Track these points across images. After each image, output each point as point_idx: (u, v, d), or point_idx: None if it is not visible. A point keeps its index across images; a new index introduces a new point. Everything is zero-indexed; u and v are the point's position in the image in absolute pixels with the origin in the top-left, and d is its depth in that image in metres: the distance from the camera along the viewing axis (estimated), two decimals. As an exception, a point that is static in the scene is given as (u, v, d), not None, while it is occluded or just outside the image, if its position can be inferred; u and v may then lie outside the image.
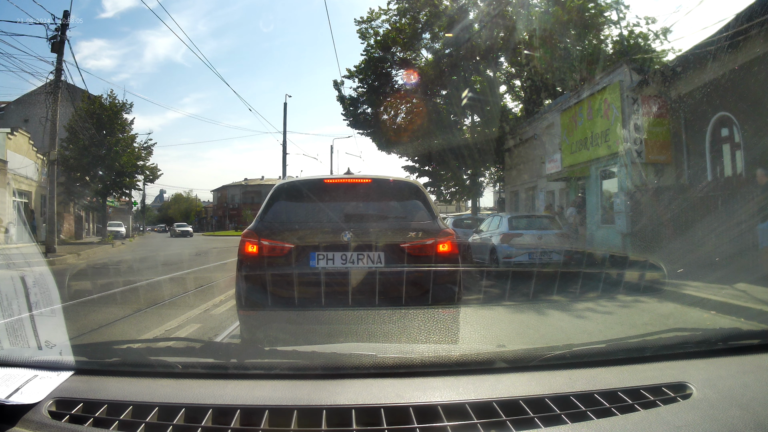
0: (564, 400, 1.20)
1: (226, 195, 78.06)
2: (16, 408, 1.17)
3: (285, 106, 31.16)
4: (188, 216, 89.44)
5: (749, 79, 9.84)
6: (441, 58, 21.92)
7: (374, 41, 23.18)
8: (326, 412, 1.15)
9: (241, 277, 3.76)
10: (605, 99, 14.68)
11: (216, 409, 1.17)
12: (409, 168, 26.33)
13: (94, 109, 29.55)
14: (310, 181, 4.34)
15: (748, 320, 5.67)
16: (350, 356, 1.46)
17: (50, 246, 16.65)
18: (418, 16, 22.27)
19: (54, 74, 17.50)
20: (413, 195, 4.20)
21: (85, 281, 10.12)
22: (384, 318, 3.27)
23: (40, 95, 20.34)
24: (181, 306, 6.77)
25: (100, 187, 31.20)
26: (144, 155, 32.96)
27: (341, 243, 3.67)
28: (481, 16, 21.50)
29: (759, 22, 9.08)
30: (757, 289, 6.93)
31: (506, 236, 11.08)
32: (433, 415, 1.15)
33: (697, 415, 1.13)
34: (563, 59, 18.72)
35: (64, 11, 17.39)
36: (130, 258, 18.42)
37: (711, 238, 9.42)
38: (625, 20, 20.36)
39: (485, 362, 1.43)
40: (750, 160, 9.94)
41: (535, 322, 5.89)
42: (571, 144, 17.11)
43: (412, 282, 3.60)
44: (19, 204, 24.25)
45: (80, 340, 3.49)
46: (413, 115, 22.94)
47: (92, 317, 5.91)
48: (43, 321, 1.95)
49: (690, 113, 12.18)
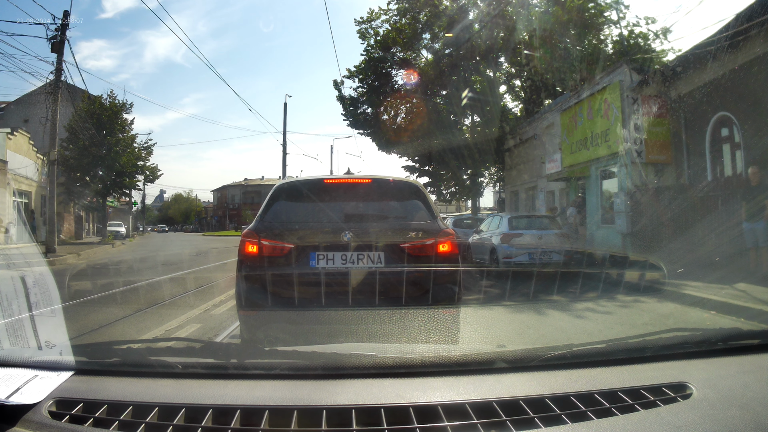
0: (564, 400, 1.20)
1: (226, 195, 78.07)
2: (16, 408, 1.17)
3: (285, 106, 31.24)
4: (188, 216, 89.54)
5: (749, 79, 9.84)
6: (441, 58, 21.92)
7: (374, 41, 23.19)
8: (326, 412, 1.15)
9: (241, 277, 3.76)
10: (605, 99, 14.68)
11: (216, 409, 1.18)
12: (409, 168, 26.36)
13: (94, 109, 29.53)
14: (310, 181, 4.34)
15: (748, 320, 5.67)
16: (350, 356, 1.46)
17: (50, 246, 16.64)
18: (418, 16, 22.27)
19: (54, 74, 17.51)
20: (413, 195, 4.20)
21: (85, 281, 10.12)
22: (384, 318, 3.27)
23: (40, 95, 20.36)
24: (181, 306, 6.77)
25: (100, 187, 31.18)
26: (144, 155, 32.94)
27: (341, 243, 3.67)
28: (481, 16, 21.51)
29: (759, 22, 9.08)
30: (757, 289, 6.93)
31: (506, 236, 11.08)
32: (433, 415, 1.15)
33: (697, 415, 1.13)
34: (563, 59, 18.73)
35: (64, 11, 17.41)
36: (130, 258, 18.42)
37: (711, 238, 9.43)
38: (625, 20, 20.40)
39: (485, 362, 1.43)
40: (750, 160, 9.94)
41: (535, 322, 5.89)
42: (571, 144, 17.11)
43: (412, 282, 3.60)
44: (19, 204, 24.25)
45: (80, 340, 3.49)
46: (413, 115, 22.94)
47: (92, 317, 5.91)
48: (43, 321, 1.95)
49: (690, 113, 12.18)
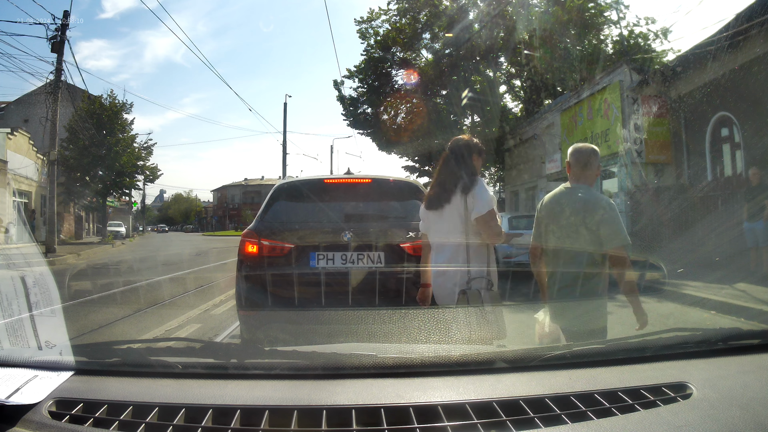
0: (564, 400, 1.20)
1: (226, 195, 78.05)
2: (16, 408, 1.17)
3: (285, 106, 31.22)
4: (188, 216, 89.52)
5: (749, 79, 9.84)
6: (441, 58, 21.93)
7: (374, 41, 23.20)
8: (326, 412, 1.15)
9: (241, 277, 3.76)
10: (605, 99, 14.68)
11: (216, 409, 1.17)
12: (409, 168, 26.38)
13: (94, 109, 29.52)
14: (310, 181, 4.35)
15: (748, 320, 5.67)
16: (350, 356, 1.45)
17: (50, 246, 16.64)
18: (418, 16, 22.29)
19: (54, 74, 17.51)
20: (413, 195, 4.20)
21: (85, 281, 10.12)
22: (384, 318, 3.27)
23: (40, 95, 20.33)
24: (181, 306, 6.78)
25: (100, 187, 31.17)
26: (144, 155, 32.96)
27: (341, 243, 3.67)
28: (481, 16, 21.52)
29: (759, 22, 9.08)
30: (757, 289, 6.93)
31: (506, 236, 11.04)
32: (433, 415, 1.15)
33: (697, 415, 1.13)
34: (563, 59, 18.73)
35: (64, 11, 17.42)
36: (130, 258, 18.43)
37: (711, 238, 9.42)
38: (625, 20, 20.40)
39: (485, 362, 1.42)
40: (750, 160, 9.95)
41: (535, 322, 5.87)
42: (571, 144, 17.09)
43: (413, 282, 3.60)
44: (19, 204, 24.24)
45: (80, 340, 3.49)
46: (413, 115, 22.95)
47: (92, 317, 5.91)
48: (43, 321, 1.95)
49: (690, 113, 12.18)
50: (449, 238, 2.91)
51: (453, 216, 2.90)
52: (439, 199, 2.96)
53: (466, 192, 2.88)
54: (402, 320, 3.31)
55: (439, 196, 2.97)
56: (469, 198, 2.87)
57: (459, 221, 2.89)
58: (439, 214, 2.96)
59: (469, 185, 2.89)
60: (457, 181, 2.92)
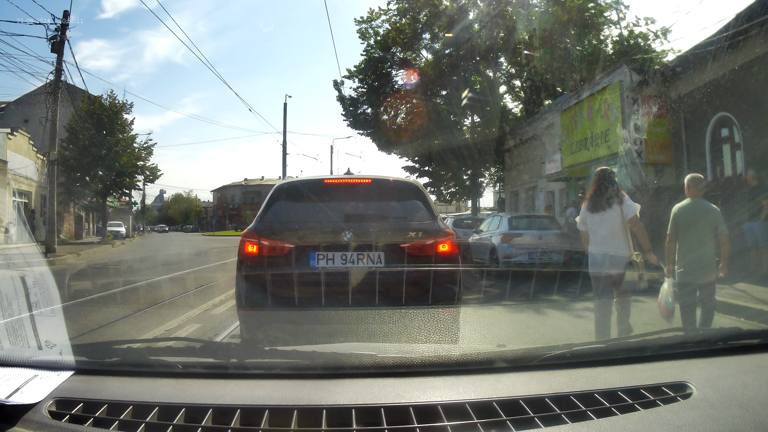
0: (564, 399, 1.20)
1: (226, 195, 78.04)
2: (16, 408, 1.17)
3: (285, 106, 31.18)
4: (188, 216, 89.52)
5: (749, 79, 9.84)
6: (441, 58, 21.92)
7: (374, 41, 23.19)
8: (326, 412, 1.15)
9: (241, 277, 3.76)
10: (605, 99, 14.69)
11: (216, 408, 1.17)
12: (409, 168, 26.31)
13: (94, 110, 29.51)
14: (310, 182, 4.34)
15: (748, 320, 5.68)
16: (350, 356, 1.45)
17: (50, 246, 16.64)
18: (418, 16, 22.27)
19: (54, 74, 17.49)
20: (413, 195, 4.20)
21: (85, 281, 10.12)
22: (384, 318, 3.27)
23: (40, 95, 20.32)
24: (181, 306, 6.78)
25: (100, 187, 31.17)
26: (144, 155, 32.93)
27: (341, 243, 3.67)
28: (481, 16, 21.52)
29: (759, 22, 9.08)
30: (757, 289, 6.93)
31: (506, 236, 11.08)
32: (433, 415, 1.15)
33: (697, 414, 1.13)
34: (563, 59, 18.73)
35: (64, 11, 17.39)
36: (130, 258, 18.43)
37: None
38: (625, 20, 20.46)
39: (485, 362, 1.42)
40: (750, 160, 9.95)
41: (535, 322, 5.89)
42: (571, 144, 17.11)
43: (412, 282, 3.60)
44: (19, 204, 24.24)
45: (80, 340, 3.49)
46: (413, 116, 22.93)
47: (92, 317, 5.91)
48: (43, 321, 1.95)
49: (690, 113, 12.18)
50: (611, 231, 4.60)
51: (613, 217, 4.59)
52: (602, 206, 4.66)
53: (620, 202, 4.61)
54: (402, 320, 3.31)
55: (601, 204, 4.67)
56: (624, 206, 4.59)
57: (618, 220, 4.59)
58: (601, 216, 4.66)
59: (622, 198, 4.65)
60: (612, 194, 4.64)
